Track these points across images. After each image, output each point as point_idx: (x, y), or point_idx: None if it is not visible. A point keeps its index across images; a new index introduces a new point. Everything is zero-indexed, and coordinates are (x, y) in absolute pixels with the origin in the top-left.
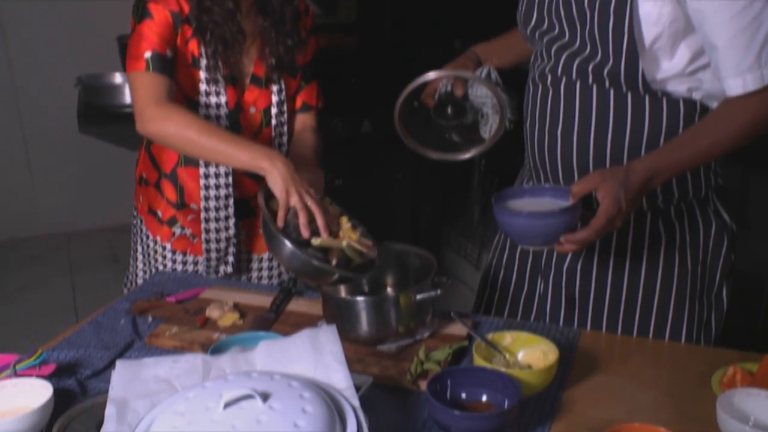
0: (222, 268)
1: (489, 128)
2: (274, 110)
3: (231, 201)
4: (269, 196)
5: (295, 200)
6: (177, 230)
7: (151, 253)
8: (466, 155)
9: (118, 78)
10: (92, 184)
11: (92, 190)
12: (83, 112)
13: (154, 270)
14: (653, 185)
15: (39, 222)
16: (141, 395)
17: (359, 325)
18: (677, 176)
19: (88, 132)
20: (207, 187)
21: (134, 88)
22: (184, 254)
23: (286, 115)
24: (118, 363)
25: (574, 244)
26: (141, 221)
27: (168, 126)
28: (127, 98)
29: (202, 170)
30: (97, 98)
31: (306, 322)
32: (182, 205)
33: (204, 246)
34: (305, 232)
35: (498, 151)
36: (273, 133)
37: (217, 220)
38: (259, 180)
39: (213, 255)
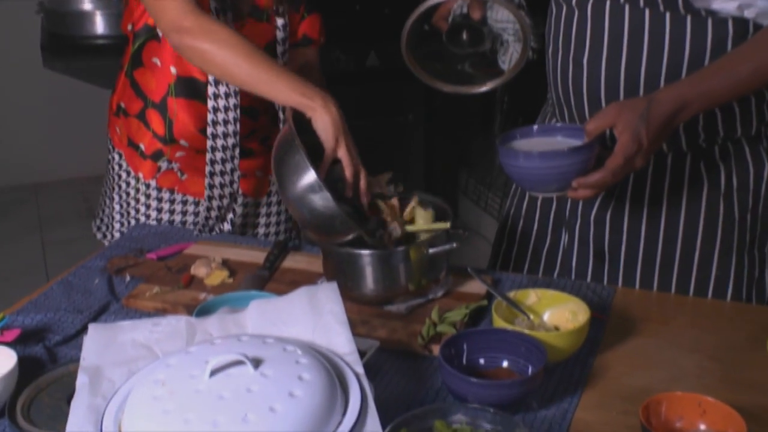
0: (218, 227)
1: (509, 58)
2: (279, 48)
3: (237, 151)
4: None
5: (343, 153)
6: (163, 164)
7: (131, 193)
8: (483, 88)
9: (86, 3)
10: (61, 128)
11: (61, 134)
12: (47, 43)
13: (134, 219)
14: (682, 119)
15: (1, 172)
16: (117, 363)
17: (364, 283)
18: (711, 109)
19: (54, 67)
20: (215, 123)
21: None
22: (172, 192)
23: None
24: (91, 327)
25: (588, 188)
26: (120, 156)
27: (208, 42)
28: (99, 27)
29: (210, 103)
30: (64, 27)
31: (304, 280)
32: (171, 140)
33: (206, 202)
34: (350, 190)
35: (523, 86)
36: None
37: (222, 173)
38: (256, 118)
39: (213, 213)
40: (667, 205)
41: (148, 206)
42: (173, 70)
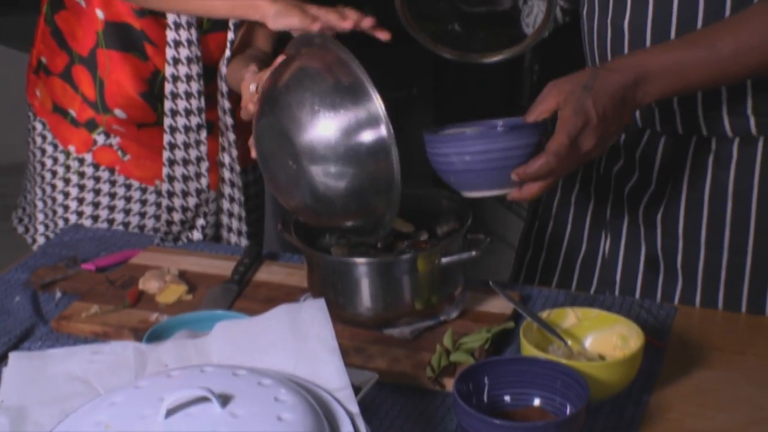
0: (185, 236)
1: (533, 20)
2: None
3: (204, 134)
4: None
5: (320, 12)
6: (99, 138)
7: (59, 172)
8: (497, 57)
9: None
10: None
11: None
12: None
13: (61, 211)
14: (645, 94)
15: None
16: (46, 401)
17: (359, 299)
18: (690, 91)
19: None
20: (174, 96)
21: None
22: (112, 172)
23: None
24: (12, 357)
25: (531, 179)
26: (43, 126)
27: None
28: None
29: (169, 70)
30: None
31: (283, 296)
32: (104, 108)
33: (166, 199)
34: (349, 23)
35: (557, 53)
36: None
37: (186, 162)
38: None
39: (177, 216)
40: (733, 202)
41: (81, 191)
42: (100, 13)
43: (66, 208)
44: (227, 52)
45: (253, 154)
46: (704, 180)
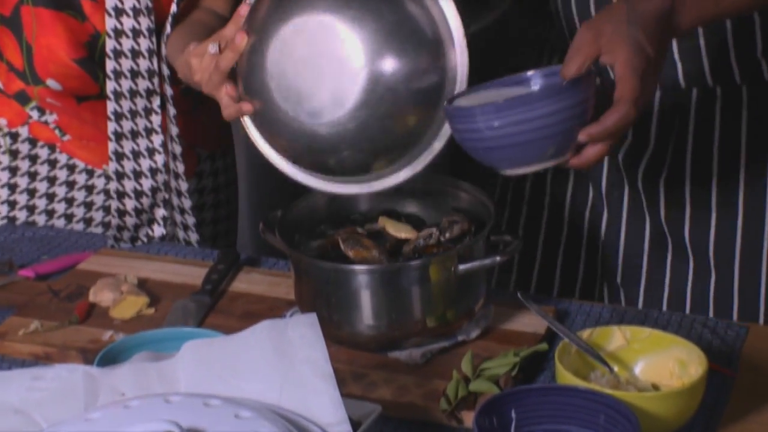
0: (146, 232)
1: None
2: None
3: (156, 102)
4: None
5: None
6: (33, 113)
7: None
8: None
9: None
10: None
11: None
12: None
13: None
14: (680, 21)
15: None
16: None
17: (358, 315)
18: (719, 16)
19: None
20: (118, 54)
21: None
22: (52, 149)
23: None
24: None
25: (602, 138)
26: None
27: None
28: None
29: (110, 23)
30: None
31: (265, 310)
32: (34, 79)
33: (114, 182)
34: None
35: None
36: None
37: (135, 135)
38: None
39: (131, 204)
40: (747, 158)
41: (12, 175)
42: None
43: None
44: (173, 7)
45: (245, 108)
46: (711, 135)
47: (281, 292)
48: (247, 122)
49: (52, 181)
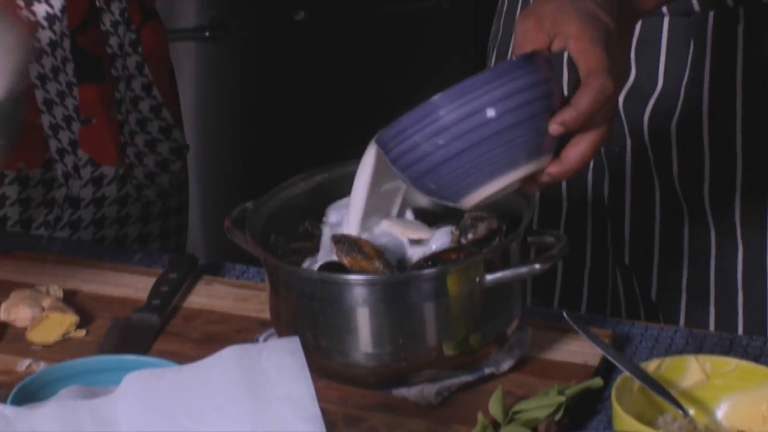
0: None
1: None
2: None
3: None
4: None
5: None
6: None
7: None
8: None
9: None
10: None
11: None
12: None
13: None
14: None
15: None
16: None
17: (354, 341)
18: None
19: None
20: None
21: None
22: None
23: None
24: None
25: (579, 122)
26: None
27: None
28: None
29: None
30: None
31: (231, 332)
32: None
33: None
34: None
35: None
36: None
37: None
38: None
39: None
40: None
41: None
42: None
43: None
44: None
45: None
46: (733, 67)
47: (252, 308)
48: None
49: None
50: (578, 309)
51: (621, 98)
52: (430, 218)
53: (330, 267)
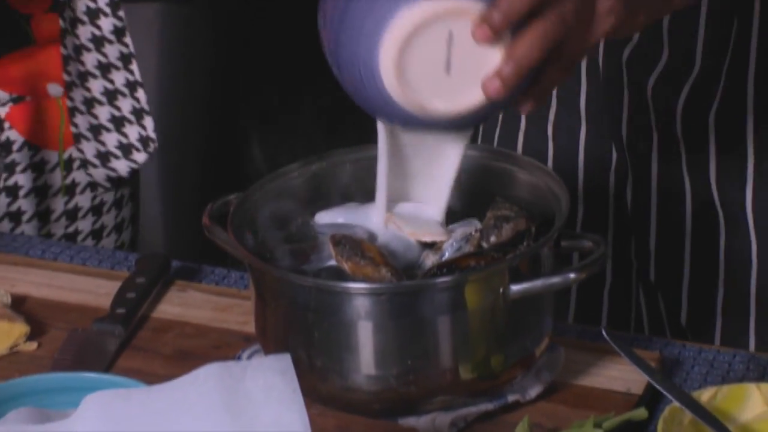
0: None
1: None
2: None
3: None
4: None
5: None
6: None
7: None
8: None
9: None
10: None
11: None
12: None
13: None
14: None
15: None
16: None
17: (355, 361)
18: None
19: None
20: None
21: None
22: None
23: None
24: None
25: (493, 26)
26: None
27: None
28: None
29: None
30: None
31: (207, 348)
32: None
33: None
34: None
35: None
36: None
37: None
38: None
39: None
40: None
41: None
42: None
43: None
44: None
45: None
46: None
47: (233, 320)
48: None
49: None
50: (624, 328)
51: (650, 83)
52: (446, 217)
53: (328, 273)
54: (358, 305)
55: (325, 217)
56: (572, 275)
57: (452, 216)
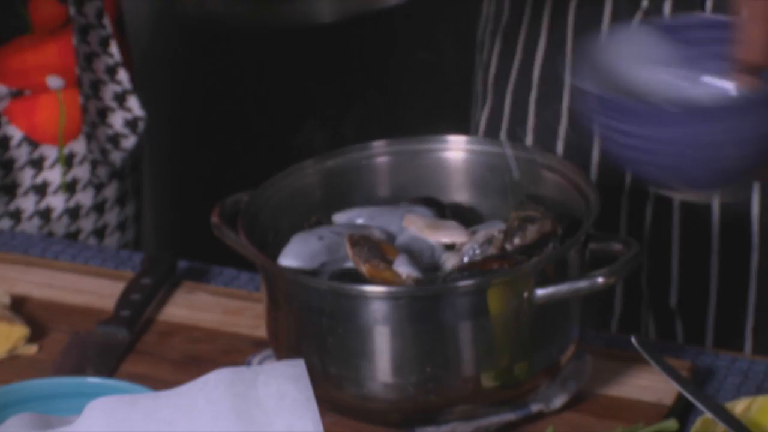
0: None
1: None
2: None
3: None
4: None
5: None
6: None
7: None
8: None
9: None
10: None
11: None
12: None
13: None
14: None
15: None
16: None
17: (372, 368)
18: None
19: None
20: None
21: None
22: None
23: None
24: None
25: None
26: None
27: None
28: None
29: None
30: None
31: (216, 353)
32: None
33: None
34: None
35: None
36: None
37: None
38: None
39: None
40: None
41: None
42: None
43: None
44: None
45: None
46: None
47: (244, 324)
48: None
49: None
50: (654, 336)
51: None
52: (468, 217)
53: (344, 276)
54: (375, 309)
55: (342, 218)
56: (600, 279)
57: (475, 217)
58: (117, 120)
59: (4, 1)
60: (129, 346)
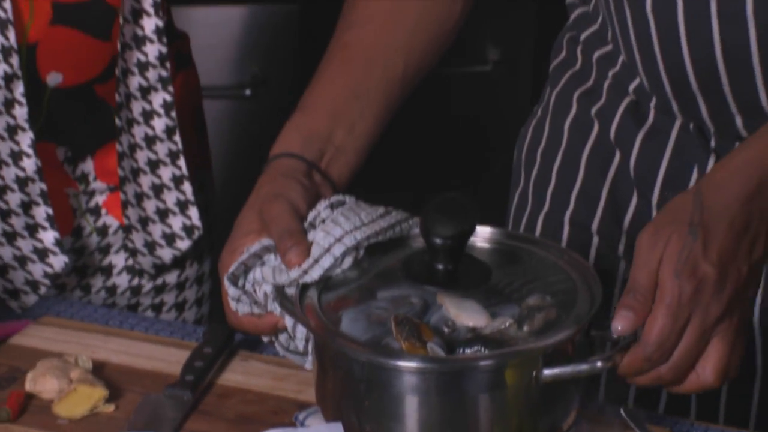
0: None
1: None
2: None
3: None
4: None
5: None
6: None
7: None
8: None
9: None
10: None
11: None
12: None
13: None
14: None
15: None
16: None
17: (400, 429)
18: None
19: None
20: None
21: None
22: None
23: None
24: None
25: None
26: None
27: None
28: None
29: None
30: None
31: (266, 413)
32: None
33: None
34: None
35: None
36: None
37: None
38: None
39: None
40: None
41: None
42: None
43: None
44: None
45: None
46: None
47: (289, 389)
48: None
49: None
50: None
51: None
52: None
53: (384, 349)
54: (405, 381)
55: (386, 294)
56: (599, 364)
57: (494, 297)
58: (176, 222)
59: (101, 109)
60: (192, 407)
